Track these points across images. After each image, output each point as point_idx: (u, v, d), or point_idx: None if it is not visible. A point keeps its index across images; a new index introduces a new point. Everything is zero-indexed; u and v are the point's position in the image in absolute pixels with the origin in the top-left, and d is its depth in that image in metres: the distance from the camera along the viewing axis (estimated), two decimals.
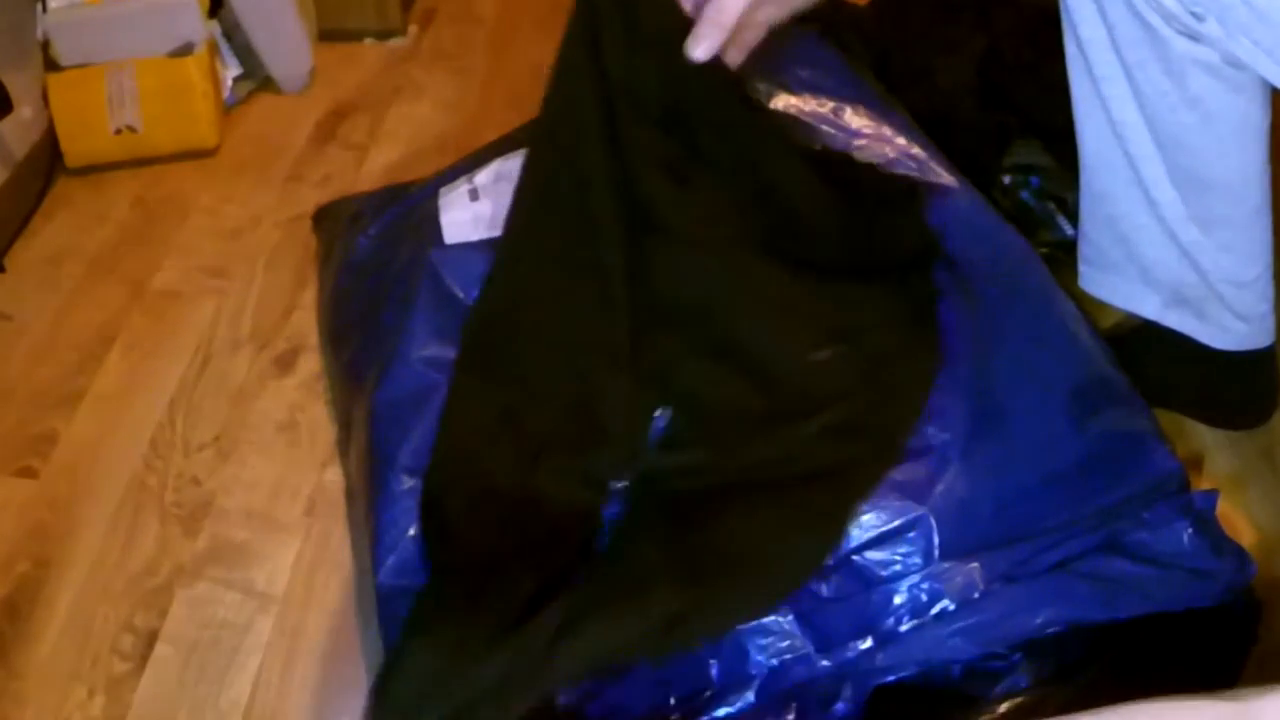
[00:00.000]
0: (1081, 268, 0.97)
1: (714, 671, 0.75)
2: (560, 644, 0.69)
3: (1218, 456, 0.96)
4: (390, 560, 0.80)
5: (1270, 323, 0.92)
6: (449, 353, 0.91)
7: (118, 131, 1.35)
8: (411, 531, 0.81)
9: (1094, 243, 0.94)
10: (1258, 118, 0.81)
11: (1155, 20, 0.76)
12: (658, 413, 0.82)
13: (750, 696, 0.74)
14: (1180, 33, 0.75)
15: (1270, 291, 0.91)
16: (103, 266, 1.25)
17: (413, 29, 1.60)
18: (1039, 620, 0.73)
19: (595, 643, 0.70)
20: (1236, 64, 0.75)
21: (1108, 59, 0.81)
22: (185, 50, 1.35)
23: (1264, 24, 0.70)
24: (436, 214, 1.01)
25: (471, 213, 1.01)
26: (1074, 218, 0.99)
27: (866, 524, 0.76)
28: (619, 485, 0.80)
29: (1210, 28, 0.73)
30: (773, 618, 0.75)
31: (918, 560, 0.76)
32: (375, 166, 1.37)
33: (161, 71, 1.34)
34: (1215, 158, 0.82)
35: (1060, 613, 0.73)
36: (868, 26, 1.25)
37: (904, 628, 0.74)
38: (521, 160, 0.88)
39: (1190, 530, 0.76)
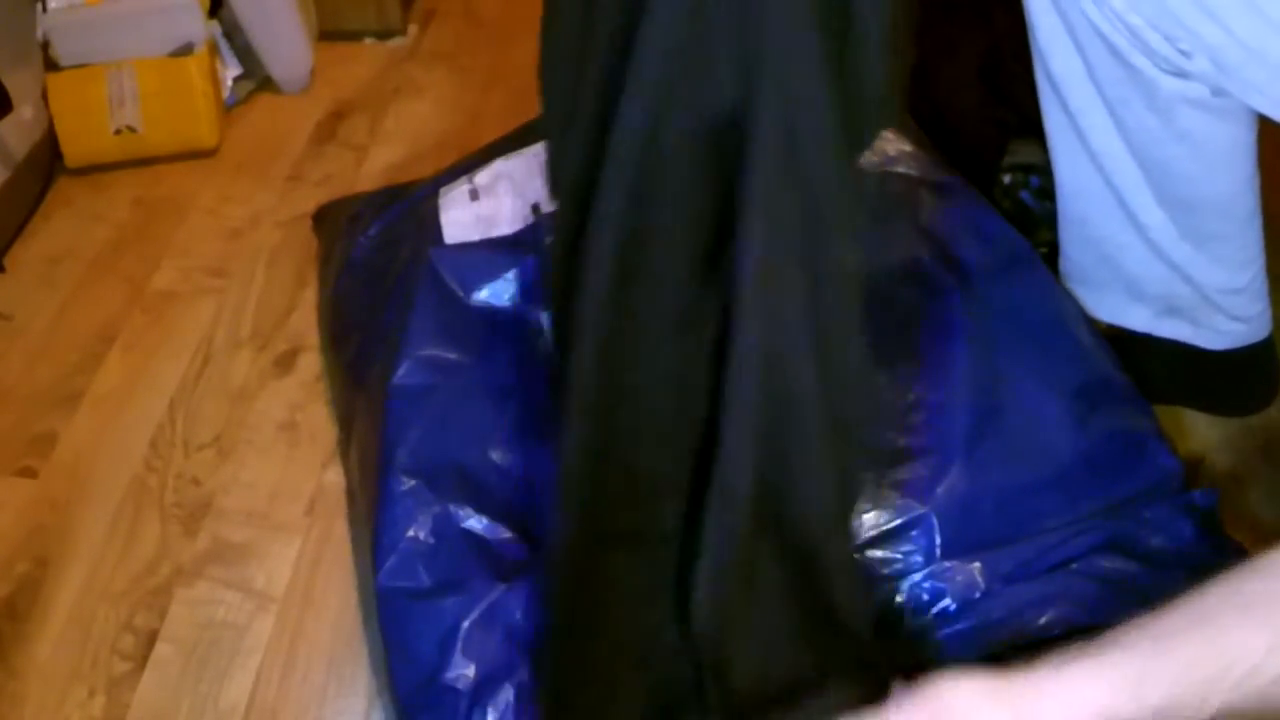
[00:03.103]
0: (1065, 284, 0.96)
1: None
2: None
3: (1218, 456, 0.96)
4: (390, 561, 0.80)
5: (1267, 317, 0.92)
6: (449, 353, 0.91)
7: (118, 131, 1.35)
8: (410, 532, 0.81)
9: (1076, 262, 0.93)
10: (1245, 137, 0.79)
11: (1141, 62, 0.74)
12: None
13: None
14: (1167, 72, 0.74)
15: (1264, 289, 0.90)
16: (102, 266, 1.25)
17: (413, 29, 1.60)
18: (1041, 621, 0.73)
19: None
20: (1224, 93, 0.74)
21: (1085, 92, 0.80)
22: (185, 50, 1.35)
23: (1258, 62, 0.68)
24: (436, 214, 1.01)
25: (471, 213, 1.01)
26: None
27: (868, 522, 0.76)
28: None
29: (1199, 64, 0.71)
30: None
31: (919, 559, 0.76)
32: (375, 166, 1.37)
33: (161, 71, 1.34)
34: (1205, 181, 0.81)
35: (1062, 613, 0.73)
36: None
37: (905, 627, 0.75)
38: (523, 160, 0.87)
39: (1191, 529, 0.76)
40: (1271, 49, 0.67)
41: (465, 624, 0.77)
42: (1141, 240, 0.86)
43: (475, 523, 0.82)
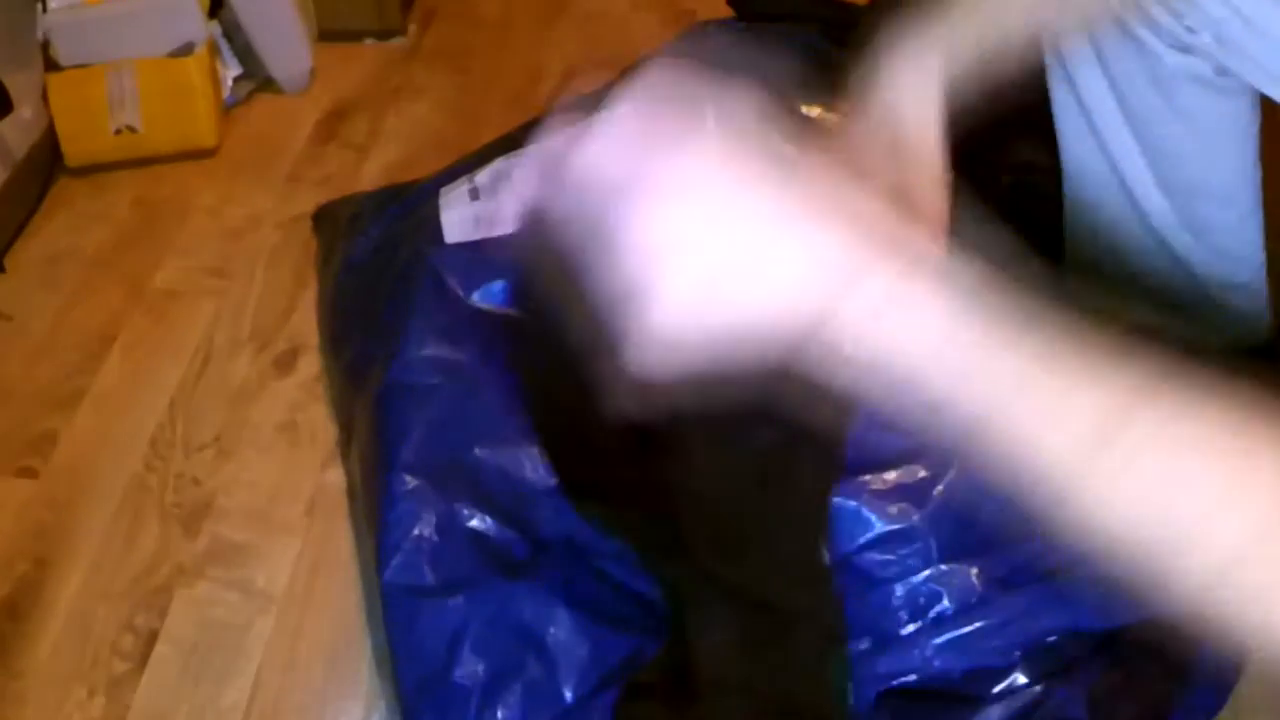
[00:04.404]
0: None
1: None
2: None
3: None
4: (395, 559, 0.81)
5: (1266, 320, 0.92)
6: (449, 353, 0.91)
7: (118, 131, 1.35)
8: (415, 530, 0.81)
9: (1079, 252, 0.94)
10: (1246, 121, 0.80)
11: (1144, 34, 0.75)
12: None
13: None
14: (1171, 46, 0.74)
15: (1264, 290, 0.90)
16: (103, 266, 1.25)
17: (413, 29, 1.60)
18: (1038, 628, 0.73)
19: None
20: (1227, 72, 0.74)
21: (1091, 70, 0.80)
22: (185, 50, 1.35)
23: (1262, 40, 0.69)
24: (436, 214, 1.02)
25: (471, 213, 1.01)
26: None
27: (867, 524, 0.77)
28: None
29: (1203, 40, 0.72)
30: None
31: (917, 562, 0.76)
32: (375, 166, 1.37)
33: (161, 71, 1.34)
34: (1205, 165, 0.81)
35: (1059, 620, 0.73)
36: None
37: (903, 630, 0.75)
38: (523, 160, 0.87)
39: None
40: (1274, 25, 0.68)
41: (475, 622, 0.77)
42: (1143, 229, 0.86)
43: (479, 522, 0.82)
